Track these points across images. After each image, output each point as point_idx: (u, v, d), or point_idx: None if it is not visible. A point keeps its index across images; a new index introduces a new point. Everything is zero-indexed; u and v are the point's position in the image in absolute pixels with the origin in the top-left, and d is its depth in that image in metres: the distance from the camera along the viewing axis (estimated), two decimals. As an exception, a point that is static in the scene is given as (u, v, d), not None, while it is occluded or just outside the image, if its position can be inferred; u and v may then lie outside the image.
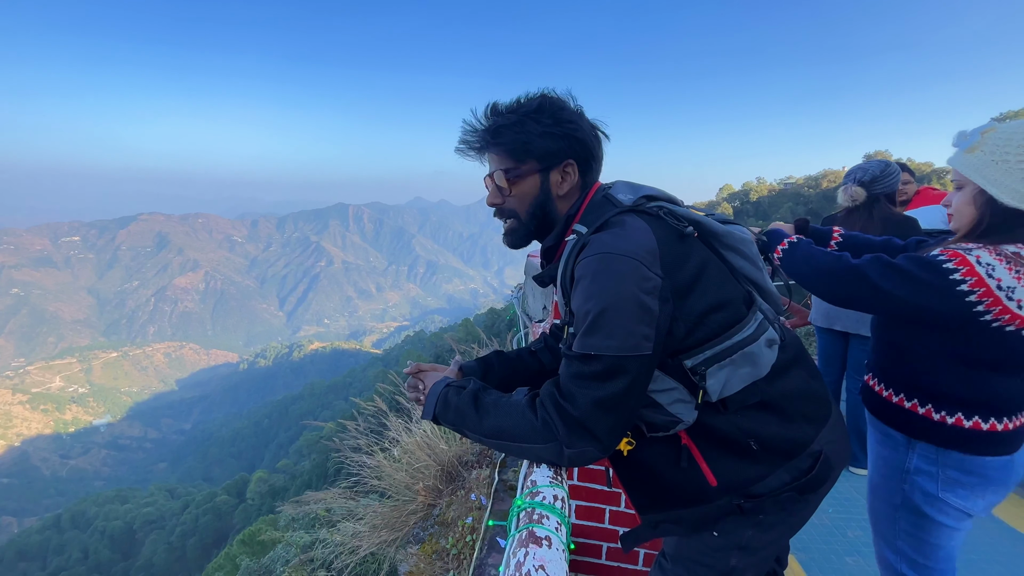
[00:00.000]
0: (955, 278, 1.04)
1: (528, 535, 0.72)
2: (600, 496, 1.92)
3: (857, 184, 2.48)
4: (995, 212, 1.07)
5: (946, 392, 1.18)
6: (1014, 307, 1.01)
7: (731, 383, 0.88)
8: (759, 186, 62.91)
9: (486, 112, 1.00)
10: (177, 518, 39.42)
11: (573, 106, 1.00)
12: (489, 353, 1.24)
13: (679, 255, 0.87)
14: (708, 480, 0.91)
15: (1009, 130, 1.06)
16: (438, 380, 1.05)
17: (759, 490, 0.91)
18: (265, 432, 78.33)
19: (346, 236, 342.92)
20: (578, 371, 0.84)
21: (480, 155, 1.03)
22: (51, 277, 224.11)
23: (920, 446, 1.24)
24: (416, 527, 2.62)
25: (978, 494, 1.20)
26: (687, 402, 0.89)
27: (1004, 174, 1.03)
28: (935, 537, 1.26)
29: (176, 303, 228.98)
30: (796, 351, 1.02)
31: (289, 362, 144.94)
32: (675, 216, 0.92)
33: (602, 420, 0.83)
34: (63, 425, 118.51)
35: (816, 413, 0.98)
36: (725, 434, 0.90)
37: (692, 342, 0.87)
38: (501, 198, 1.02)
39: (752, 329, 0.89)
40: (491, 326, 20.51)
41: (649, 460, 0.97)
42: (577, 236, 0.93)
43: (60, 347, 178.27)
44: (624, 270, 0.81)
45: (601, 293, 0.81)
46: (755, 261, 0.99)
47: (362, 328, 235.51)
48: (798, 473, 0.92)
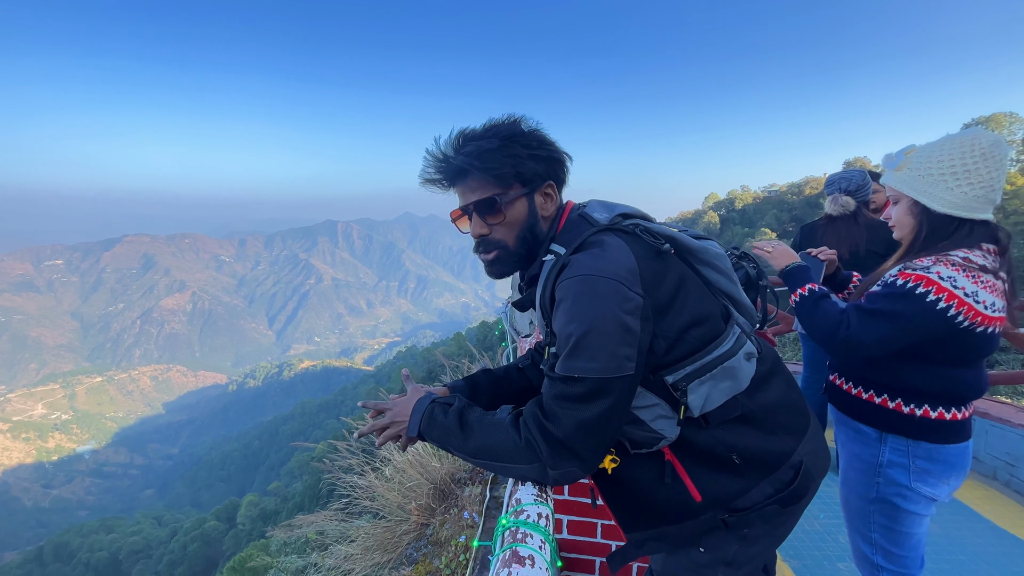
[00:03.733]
0: (931, 299, 1.14)
1: (512, 555, 0.72)
2: (591, 511, 1.92)
3: (845, 194, 2.64)
4: (931, 219, 1.22)
5: (915, 387, 1.26)
6: (982, 308, 1.13)
7: (712, 398, 0.89)
8: (744, 194, 64.00)
9: (457, 139, 0.97)
10: (165, 547, 38.35)
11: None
12: (476, 371, 1.23)
13: (658, 272, 0.88)
14: (693, 496, 0.91)
15: (928, 149, 1.23)
16: (422, 396, 1.03)
17: (743, 504, 0.91)
18: (255, 454, 76.91)
19: (335, 253, 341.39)
20: (561, 392, 0.84)
21: (452, 184, 0.99)
22: (33, 302, 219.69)
23: (891, 439, 1.31)
24: (409, 547, 2.59)
25: (943, 480, 1.28)
26: (669, 418, 0.89)
27: (931, 186, 1.20)
28: (906, 526, 1.33)
29: (163, 325, 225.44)
30: (773, 362, 1.03)
31: (279, 382, 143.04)
32: (651, 233, 0.92)
33: (586, 441, 0.84)
34: (45, 453, 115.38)
35: (795, 424, 0.99)
36: (708, 449, 0.90)
37: (672, 358, 0.87)
38: (488, 228, 0.98)
39: (731, 343, 0.90)
40: (483, 339, 20.45)
41: (634, 477, 0.96)
42: (555, 257, 0.92)
43: (42, 373, 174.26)
44: (606, 291, 0.81)
45: (583, 315, 0.81)
46: (729, 275, 1.00)
47: (353, 345, 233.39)
48: (780, 485, 0.92)
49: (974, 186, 1.16)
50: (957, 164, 1.17)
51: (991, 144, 1.16)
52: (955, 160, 1.17)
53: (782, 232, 48.18)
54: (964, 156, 1.17)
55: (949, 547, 2.29)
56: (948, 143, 1.20)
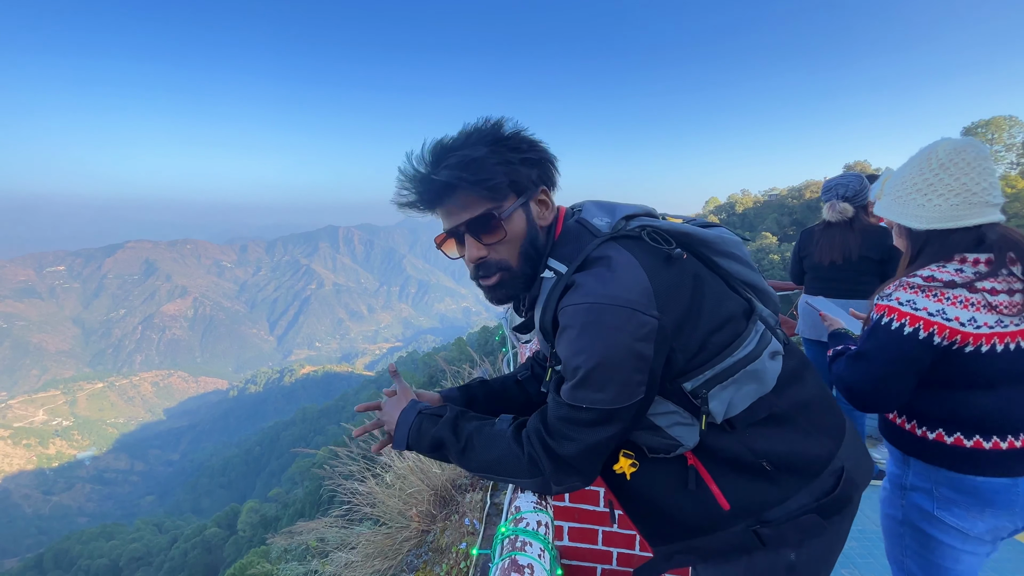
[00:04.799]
0: (895, 327, 1.15)
1: (510, 563, 0.71)
2: (593, 517, 1.92)
3: (843, 200, 2.67)
4: (915, 237, 1.23)
5: (923, 410, 1.24)
6: (956, 325, 1.10)
7: (735, 403, 0.82)
8: (744, 198, 64.08)
9: (435, 152, 0.84)
10: (165, 553, 38.22)
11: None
12: (472, 382, 1.16)
13: (672, 284, 0.80)
14: (720, 504, 0.83)
15: (898, 172, 1.27)
16: (406, 407, 0.97)
17: (777, 515, 0.82)
18: (256, 460, 76.71)
19: (336, 258, 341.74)
20: (568, 416, 0.80)
21: (433, 207, 0.88)
22: (35, 308, 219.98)
23: (913, 462, 1.28)
24: (410, 554, 2.58)
25: (975, 515, 1.20)
26: (688, 424, 0.83)
27: (904, 206, 1.23)
28: (939, 557, 1.27)
29: (164, 331, 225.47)
30: (802, 356, 0.95)
31: (280, 387, 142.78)
32: (659, 235, 0.84)
33: (590, 461, 0.82)
34: (46, 460, 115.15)
35: (834, 425, 0.90)
36: (734, 454, 0.83)
37: (691, 365, 0.81)
38: (485, 250, 0.87)
39: (754, 344, 0.83)
40: (484, 344, 20.45)
41: (654, 484, 0.88)
42: (556, 276, 0.85)
43: (43, 379, 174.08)
44: (616, 323, 0.74)
45: (592, 349, 0.75)
46: (749, 263, 0.93)
47: (354, 350, 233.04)
48: (820, 494, 0.83)
49: (946, 196, 1.15)
50: (919, 180, 1.19)
51: (948, 152, 1.16)
52: (916, 178, 1.20)
53: (782, 236, 48.19)
54: (924, 171, 1.18)
55: None
56: (909, 163, 1.23)
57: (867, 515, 2.59)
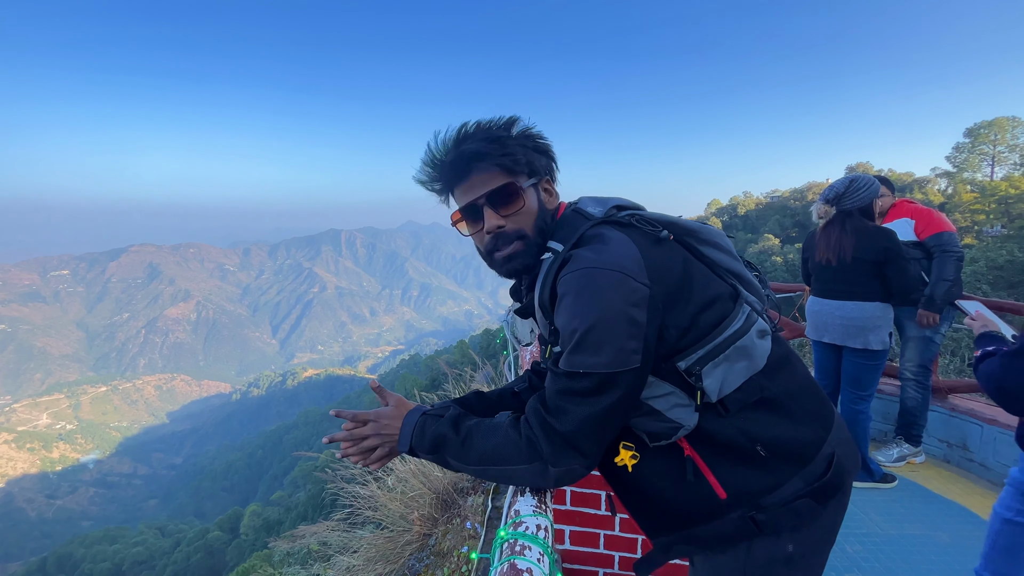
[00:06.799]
0: None
1: (509, 568, 0.71)
2: (594, 521, 1.91)
3: (824, 202, 2.73)
4: None
5: None
6: None
7: (729, 380, 0.85)
8: (746, 200, 63.97)
9: (460, 131, 0.94)
10: (168, 557, 38.20)
11: None
12: (469, 393, 1.19)
13: (662, 261, 0.85)
14: (717, 493, 0.86)
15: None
16: (412, 409, 1.01)
17: (772, 500, 0.85)
18: (259, 464, 76.76)
19: (339, 261, 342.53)
20: (566, 387, 0.82)
21: (455, 183, 0.96)
22: (39, 312, 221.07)
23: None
24: (412, 558, 2.57)
25: None
26: (686, 405, 0.86)
27: None
28: None
29: (167, 334, 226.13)
30: (788, 346, 0.99)
31: (283, 390, 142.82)
32: (647, 221, 0.90)
33: (590, 436, 0.82)
34: (50, 463, 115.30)
35: (823, 411, 0.93)
36: (729, 440, 0.86)
37: (684, 344, 0.84)
38: (503, 220, 0.94)
39: (741, 321, 0.87)
40: (486, 347, 20.41)
41: (654, 476, 0.92)
42: (553, 254, 0.91)
43: (48, 383, 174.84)
44: (609, 284, 0.79)
45: (587, 310, 0.79)
46: (731, 253, 0.97)
47: (357, 353, 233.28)
48: (812, 479, 0.86)
49: None
50: None
51: None
52: None
53: (785, 238, 48.09)
54: None
55: (960, 556, 2.26)
56: None
57: (871, 518, 2.58)
